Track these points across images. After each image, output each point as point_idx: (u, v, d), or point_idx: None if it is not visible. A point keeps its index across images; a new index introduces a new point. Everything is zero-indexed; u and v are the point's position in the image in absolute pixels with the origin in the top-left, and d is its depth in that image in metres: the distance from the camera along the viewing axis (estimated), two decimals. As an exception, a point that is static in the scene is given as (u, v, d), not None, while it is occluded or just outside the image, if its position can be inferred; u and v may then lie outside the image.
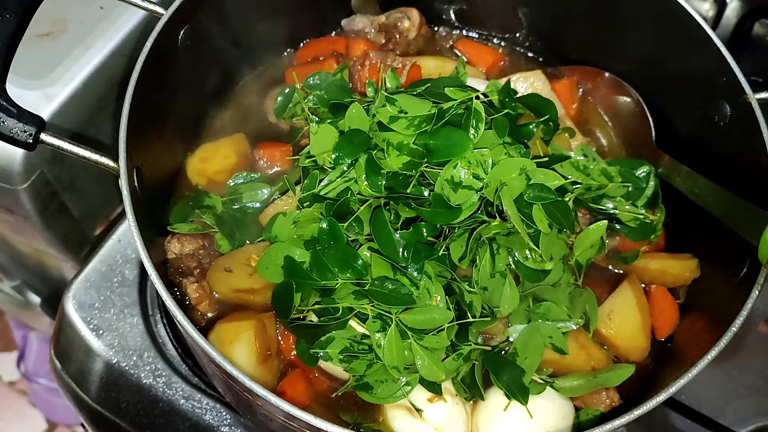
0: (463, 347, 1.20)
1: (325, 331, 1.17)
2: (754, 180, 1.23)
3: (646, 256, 1.38)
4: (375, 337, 1.14)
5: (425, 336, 1.15)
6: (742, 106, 1.25)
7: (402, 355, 1.14)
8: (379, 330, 1.14)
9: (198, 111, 1.51)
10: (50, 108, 1.46)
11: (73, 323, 1.49)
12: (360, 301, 1.17)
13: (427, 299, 1.16)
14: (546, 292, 1.25)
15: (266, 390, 0.99)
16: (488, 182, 1.18)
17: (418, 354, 1.14)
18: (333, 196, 1.22)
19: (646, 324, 1.33)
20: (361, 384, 1.17)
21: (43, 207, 1.57)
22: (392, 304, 1.14)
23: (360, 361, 1.16)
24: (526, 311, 1.25)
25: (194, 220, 1.34)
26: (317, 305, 1.19)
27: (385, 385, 1.16)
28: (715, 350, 1.06)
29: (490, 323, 1.22)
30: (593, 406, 1.25)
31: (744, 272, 1.18)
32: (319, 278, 1.18)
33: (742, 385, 1.55)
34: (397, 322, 1.14)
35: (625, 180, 1.39)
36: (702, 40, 1.32)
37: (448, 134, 1.20)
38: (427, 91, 1.29)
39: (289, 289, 1.18)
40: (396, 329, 1.14)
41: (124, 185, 1.12)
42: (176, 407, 1.44)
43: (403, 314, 1.15)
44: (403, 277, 1.16)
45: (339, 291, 1.18)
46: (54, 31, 1.54)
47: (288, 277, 1.20)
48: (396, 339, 1.14)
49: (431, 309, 1.16)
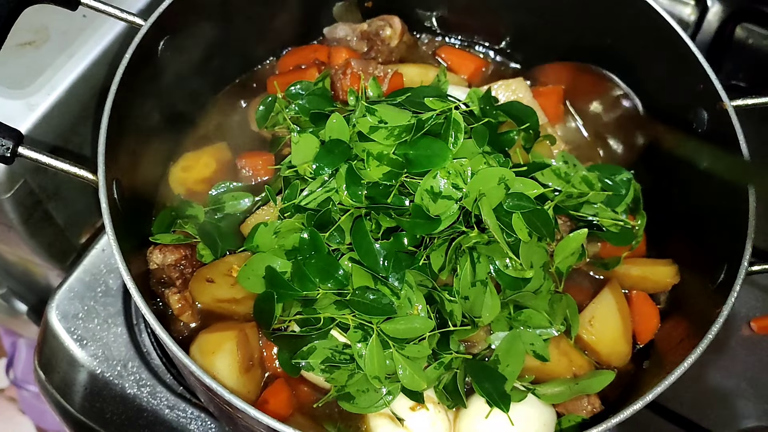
0: (445, 356, 1.20)
1: (306, 341, 1.18)
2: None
3: (627, 262, 1.39)
4: (356, 347, 1.15)
5: (406, 345, 1.16)
6: (719, 113, 1.26)
7: (383, 364, 1.14)
8: (360, 340, 1.15)
9: (179, 121, 1.51)
10: (32, 118, 1.44)
11: (56, 333, 1.49)
12: (341, 310, 1.17)
13: (408, 309, 1.16)
14: (527, 299, 1.25)
15: (245, 402, 0.99)
16: (467, 192, 1.18)
17: (399, 363, 1.15)
18: (314, 207, 1.23)
19: (628, 330, 1.34)
20: (343, 394, 1.18)
21: (27, 216, 1.57)
22: (373, 314, 1.14)
23: (341, 371, 1.17)
24: (508, 319, 1.25)
25: (176, 231, 1.34)
26: (299, 315, 1.20)
27: (366, 395, 1.17)
28: (692, 357, 1.07)
29: (471, 332, 1.22)
30: (575, 412, 1.26)
31: (721, 279, 1.19)
32: (300, 288, 1.18)
33: (725, 388, 1.56)
34: (379, 332, 1.14)
35: (605, 187, 1.39)
36: (679, 47, 1.33)
37: (427, 144, 1.20)
38: (408, 100, 1.29)
39: (270, 299, 1.19)
40: (377, 339, 1.14)
41: (103, 198, 1.12)
42: (161, 417, 1.44)
43: (384, 324, 1.15)
44: (384, 287, 1.16)
45: (320, 301, 1.19)
46: (36, 39, 1.53)
47: (269, 288, 1.20)
48: (377, 349, 1.14)
49: (412, 318, 1.16)
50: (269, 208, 1.33)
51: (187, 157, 1.47)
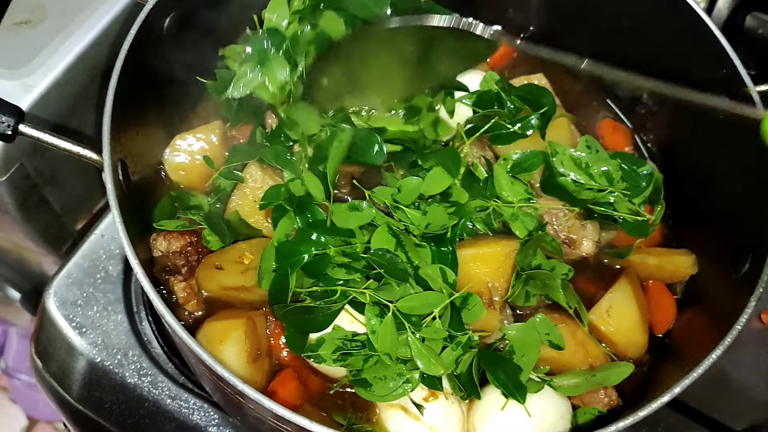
0: (460, 336, 1.17)
1: (318, 312, 1.16)
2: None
3: (644, 251, 1.36)
4: (371, 324, 1.14)
5: (423, 327, 1.14)
6: (743, 99, 1.23)
7: (395, 342, 1.13)
8: (377, 314, 1.14)
9: (185, 100, 1.46)
10: (29, 99, 1.41)
11: (54, 321, 1.45)
12: (352, 275, 1.17)
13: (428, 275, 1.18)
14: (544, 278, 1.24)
15: (259, 393, 0.95)
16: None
17: (416, 347, 1.13)
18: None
19: (644, 319, 1.31)
20: (359, 380, 1.15)
21: (22, 200, 1.53)
22: (390, 275, 1.14)
23: (356, 357, 1.14)
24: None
25: (181, 217, 1.30)
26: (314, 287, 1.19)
27: (383, 383, 1.14)
28: (719, 350, 1.05)
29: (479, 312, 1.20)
30: (592, 404, 1.23)
31: (745, 269, 1.16)
32: (308, 249, 1.19)
33: (735, 380, 1.54)
34: (395, 310, 1.14)
35: (626, 176, 1.36)
36: (701, 32, 1.30)
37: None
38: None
39: (284, 277, 1.17)
40: (392, 319, 1.13)
41: (108, 179, 1.08)
42: (162, 407, 1.40)
43: (400, 302, 1.14)
44: (402, 254, 1.16)
45: (331, 268, 1.19)
46: (33, 19, 1.50)
47: (279, 261, 1.19)
48: (391, 327, 1.13)
49: (426, 295, 1.16)
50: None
51: (181, 137, 1.40)
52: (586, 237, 1.33)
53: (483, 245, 1.26)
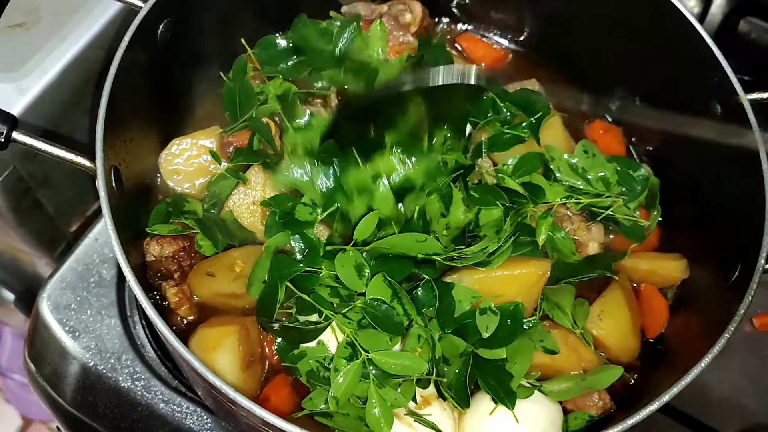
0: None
1: (302, 333, 1.15)
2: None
3: (636, 256, 1.37)
4: (339, 361, 1.12)
5: (387, 385, 1.12)
6: (733, 107, 1.24)
7: (350, 391, 1.11)
8: (346, 357, 1.12)
9: (179, 106, 1.46)
10: (23, 102, 1.41)
11: (48, 325, 1.44)
12: (333, 299, 1.16)
13: (414, 342, 1.15)
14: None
15: (250, 401, 0.96)
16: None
17: (373, 398, 1.10)
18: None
19: (636, 324, 1.32)
20: (321, 412, 1.15)
21: (16, 203, 1.53)
22: (381, 327, 1.13)
23: (320, 390, 1.15)
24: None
25: (174, 221, 1.30)
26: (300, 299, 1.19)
27: (346, 419, 1.13)
28: (708, 357, 1.05)
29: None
30: (585, 408, 1.24)
31: (735, 276, 1.17)
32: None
33: (726, 384, 1.55)
34: (366, 360, 1.12)
35: (622, 180, 1.37)
36: (694, 40, 1.31)
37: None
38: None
39: (274, 286, 1.17)
40: (360, 366, 1.11)
41: (101, 186, 1.08)
42: (155, 411, 1.40)
43: (378, 354, 1.12)
44: (399, 306, 1.15)
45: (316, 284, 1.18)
46: (27, 21, 1.50)
47: (273, 272, 1.18)
48: (354, 375, 1.11)
49: (405, 355, 1.14)
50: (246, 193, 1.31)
51: (177, 142, 1.39)
52: (592, 239, 1.33)
53: (516, 266, 1.24)
